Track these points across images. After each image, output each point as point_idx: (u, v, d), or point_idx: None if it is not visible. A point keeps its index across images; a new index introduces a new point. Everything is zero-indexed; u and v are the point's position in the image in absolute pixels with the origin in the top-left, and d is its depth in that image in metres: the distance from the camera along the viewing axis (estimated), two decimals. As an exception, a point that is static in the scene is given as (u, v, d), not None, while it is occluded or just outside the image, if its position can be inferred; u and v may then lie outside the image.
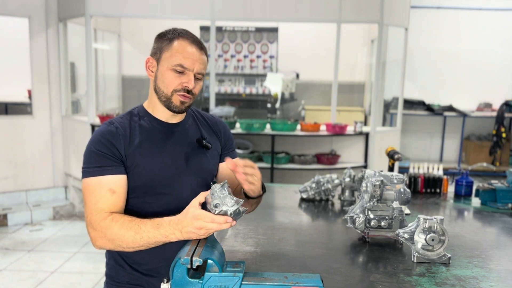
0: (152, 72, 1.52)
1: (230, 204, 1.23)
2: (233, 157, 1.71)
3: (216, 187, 1.25)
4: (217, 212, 1.23)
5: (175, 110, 1.51)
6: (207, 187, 1.59)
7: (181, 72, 1.46)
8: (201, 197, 1.28)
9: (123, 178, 1.46)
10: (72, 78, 5.59)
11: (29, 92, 5.28)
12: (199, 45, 1.49)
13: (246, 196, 1.52)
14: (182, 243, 1.31)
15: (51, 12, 5.05)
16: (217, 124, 1.71)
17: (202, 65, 1.49)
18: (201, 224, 1.23)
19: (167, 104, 1.50)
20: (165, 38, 1.49)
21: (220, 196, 1.24)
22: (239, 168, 1.37)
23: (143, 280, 1.55)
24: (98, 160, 1.44)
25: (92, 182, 1.43)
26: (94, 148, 1.45)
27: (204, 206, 1.28)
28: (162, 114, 1.55)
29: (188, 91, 1.48)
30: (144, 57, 1.56)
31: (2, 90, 5.91)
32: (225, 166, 1.69)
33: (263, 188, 1.55)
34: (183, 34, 1.49)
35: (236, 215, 1.24)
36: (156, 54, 1.50)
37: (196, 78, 1.49)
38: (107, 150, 1.45)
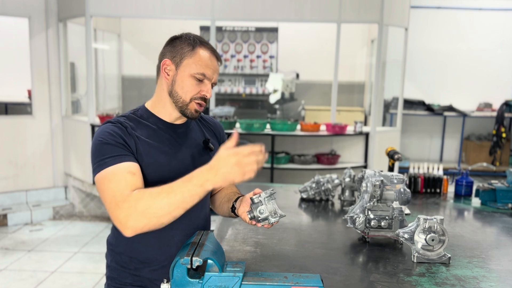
0: (169, 75, 1.50)
1: (266, 212, 1.40)
2: None
3: (265, 193, 1.40)
4: (261, 218, 1.39)
5: (188, 117, 1.52)
6: None
7: (200, 81, 1.48)
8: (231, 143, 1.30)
9: (139, 166, 1.41)
10: (72, 78, 5.60)
11: (29, 92, 5.28)
12: (218, 55, 1.54)
13: (233, 211, 1.54)
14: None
15: (51, 12, 5.06)
16: (217, 127, 1.74)
17: (217, 75, 1.55)
18: (238, 159, 1.25)
19: (183, 110, 1.50)
20: (186, 44, 1.48)
21: (266, 204, 1.40)
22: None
23: (146, 281, 1.54)
24: (112, 150, 1.37)
25: (109, 171, 1.34)
26: (106, 140, 1.39)
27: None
28: (169, 116, 1.54)
29: (204, 99, 1.51)
30: (144, 57, 1.56)
31: (2, 90, 5.92)
32: None
33: None
34: (205, 43, 1.51)
35: (263, 220, 1.40)
36: (176, 58, 1.48)
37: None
38: (121, 140, 1.40)
